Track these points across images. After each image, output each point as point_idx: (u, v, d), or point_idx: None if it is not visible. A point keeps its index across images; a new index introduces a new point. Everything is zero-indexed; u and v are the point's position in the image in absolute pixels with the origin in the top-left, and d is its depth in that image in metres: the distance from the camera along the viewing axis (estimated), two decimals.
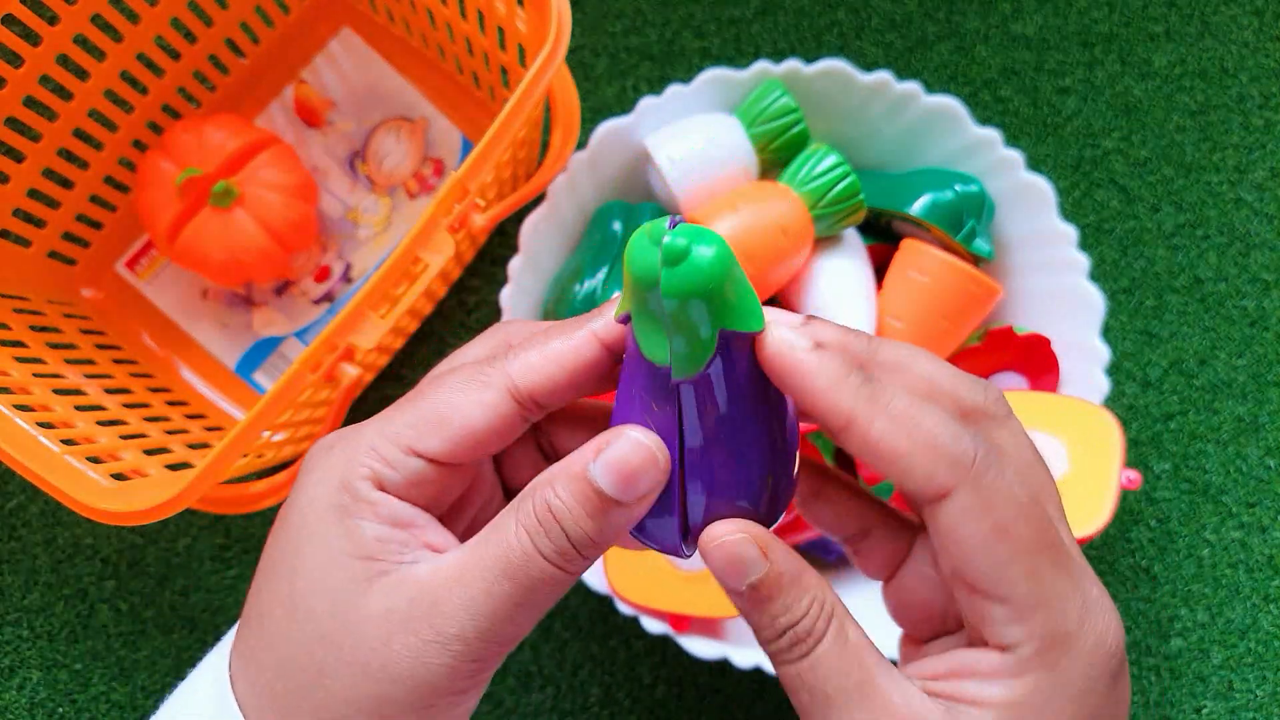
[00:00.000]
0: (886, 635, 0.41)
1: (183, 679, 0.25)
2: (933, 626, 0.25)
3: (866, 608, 0.43)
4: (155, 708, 0.24)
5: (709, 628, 0.41)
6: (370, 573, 0.22)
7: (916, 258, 0.42)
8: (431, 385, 0.23)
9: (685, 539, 0.23)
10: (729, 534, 0.22)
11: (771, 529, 0.23)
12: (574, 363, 0.23)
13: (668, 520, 0.23)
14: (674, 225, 0.20)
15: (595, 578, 0.41)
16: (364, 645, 0.21)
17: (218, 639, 0.53)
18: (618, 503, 0.22)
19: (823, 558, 0.46)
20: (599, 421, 0.26)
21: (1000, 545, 0.21)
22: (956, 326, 0.42)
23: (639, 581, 0.39)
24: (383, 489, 0.23)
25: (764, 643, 0.22)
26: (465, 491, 0.25)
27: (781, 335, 0.22)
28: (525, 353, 0.23)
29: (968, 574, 0.21)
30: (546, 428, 0.26)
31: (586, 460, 0.22)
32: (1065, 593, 0.21)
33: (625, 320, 0.22)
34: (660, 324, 0.21)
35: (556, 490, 0.22)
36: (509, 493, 0.27)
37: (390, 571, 0.22)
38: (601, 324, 0.23)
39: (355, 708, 0.21)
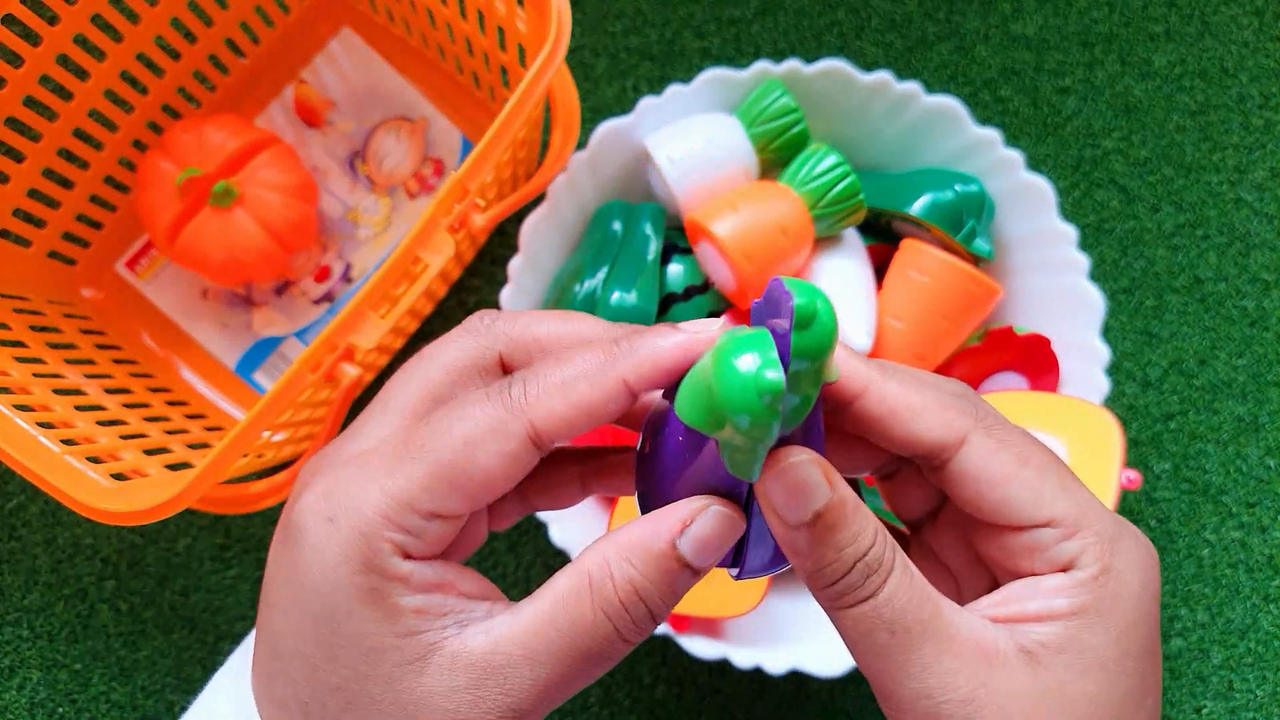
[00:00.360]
0: None
1: (181, 685, 0.25)
2: None
3: None
4: (155, 708, 0.24)
5: (709, 628, 0.41)
6: (421, 649, 0.21)
7: (916, 258, 0.42)
8: (438, 428, 0.22)
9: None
10: (792, 458, 0.21)
11: None
12: (599, 410, 0.22)
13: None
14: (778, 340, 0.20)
15: None
16: None
17: (218, 639, 0.53)
18: (697, 571, 0.22)
19: None
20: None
21: (1028, 470, 0.22)
22: (956, 326, 0.42)
23: None
24: (409, 557, 0.22)
25: (828, 583, 0.21)
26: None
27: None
28: (548, 399, 0.22)
29: (1007, 510, 0.22)
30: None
31: (670, 536, 0.21)
32: (1097, 503, 0.22)
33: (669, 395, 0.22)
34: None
35: (639, 570, 0.21)
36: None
37: (441, 645, 0.21)
38: (634, 375, 0.22)
39: None
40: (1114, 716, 0.21)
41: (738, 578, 0.23)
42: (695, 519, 0.21)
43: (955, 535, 0.25)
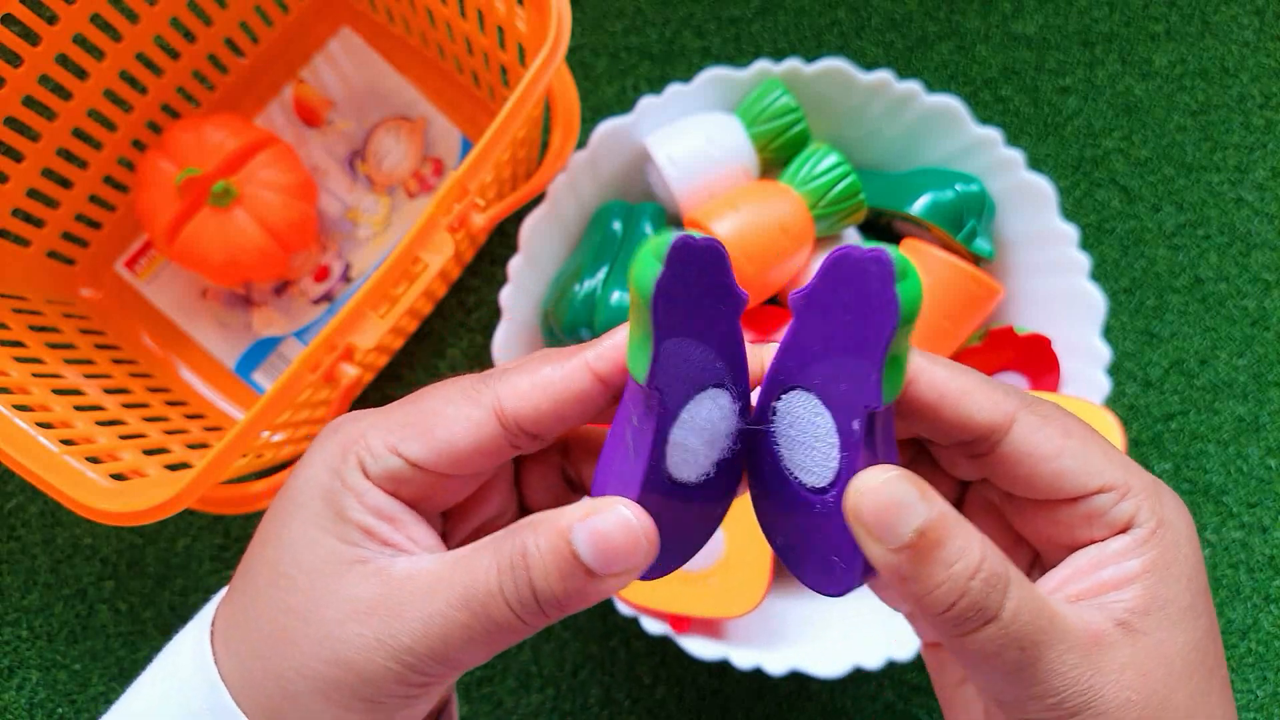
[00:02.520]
0: (889, 632, 0.41)
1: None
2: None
3: (870, 609, 0.43)
4: None
5: (709, 628, 0.40)
6: (350, 557, 0.22)
7: (917, 257, 0.42)
8: (432, 389, 0.23)
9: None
10: (881, 477, 0.19)
11: None
12: (563, 393, 0.22)
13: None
14: (681, 236, 0.20)
15: None
16: (324, 626, 0.21)
17: None
18: (591, 572, 0.20)
19: None
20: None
21: (1073, 441, 0.22)
22: (957, 326, 0.42)
23: (639, 582, 0.39)
24: (368, 479, 0.23)
25: (944, 607, 0.19)
26: (470, 500, 0.25)
27: None
28: (516, 376, 0.22)
29: (1061, 483, 0.22)
30: (571, 453, 0.26)
31: (574, 520, 0.21)
32: (1132, 462, 0.23)
33: (650, 384, 0.21)
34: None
35: (538, 539, 0.21)
36: (524, 510, 0.27)
37: (368, 560, 0.22)
38: (595, 354, 0.22)
39: (309, 684, 0.21)
40: (1203, 656, 0.22)
41: (642, 578, 0.22)
42: (600, 511, 0.21)
43: (984, 521, 0.25)
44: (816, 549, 0.22)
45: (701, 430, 0.22)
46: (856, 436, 0.20)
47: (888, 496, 0.19)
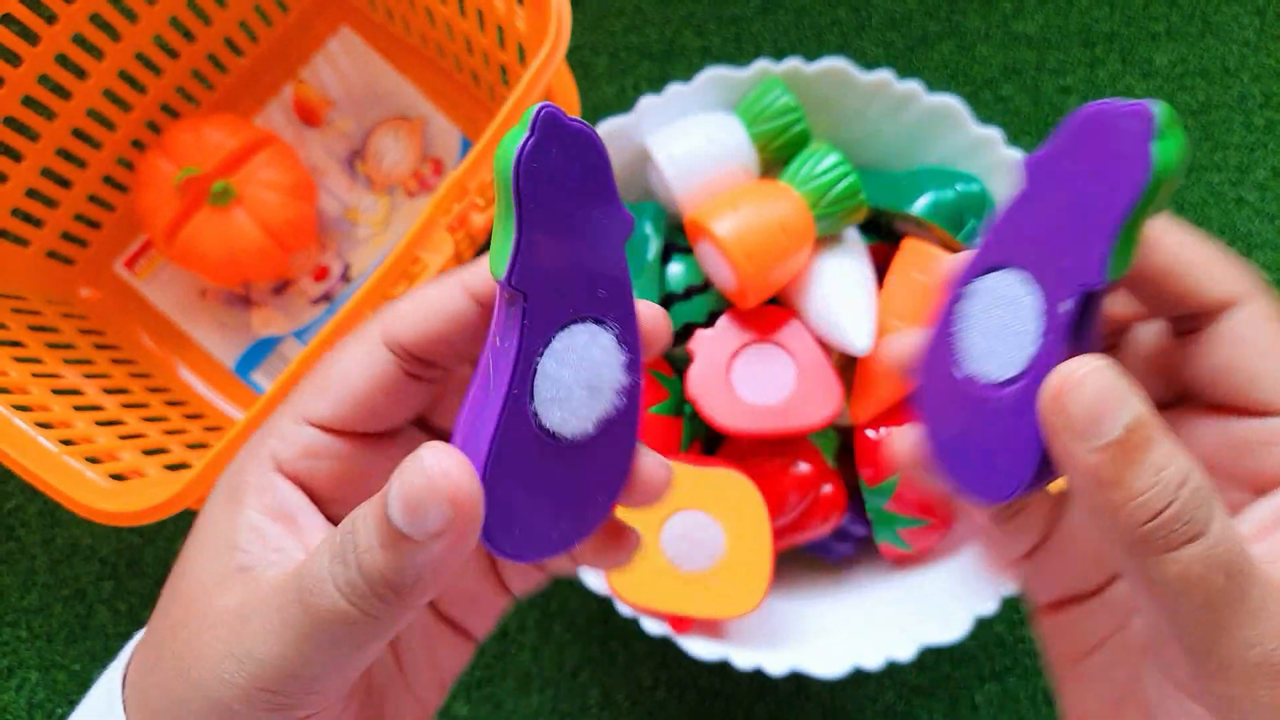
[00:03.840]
0: (890, 632, 0.41)
1: None
2: (1088, 578, 0.22)
3: (871, 609, 0.43)
4: None
5: (709, 629, 0.40)
6: (233, 566, 0.20)
7: (918, 258, 0.42)
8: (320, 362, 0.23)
9: None
10: (1090, 365, 0.17)
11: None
12: (440, 311, 0.21)
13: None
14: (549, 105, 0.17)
15: (595, 578, 0.40)
16: (189, 642, 0.19)
17: None
18: (407, 538, 0.17)
19: (824, 557, 0.46)
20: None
21: None
22: None
23: (639, 582, 0.39)
24: (280, 469, 0.21)
25: (1148, 517, 0.17)
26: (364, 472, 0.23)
27: None
28: (400, 301, 0.22)
29: (1261, 383, 0.20)
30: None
31: (389, 485, 0.18)
32: None
33: (510, 286, 0.18)
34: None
35: (366, 509, 0.18)
36: None
37: (251, 568, 0.20)
38: (470, 270, 0.21)
39: (168, 704, 0.20)
40: None
41: (509, 554, 0.19)
42: (406, 464, 0.17)
43: None
44: (984, 450, 0.19)
45: (578, 366, 0.19)
46: (1063, 320, 0.18)
47: (1097, 388, 0.17)
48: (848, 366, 0.44)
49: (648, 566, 0.38)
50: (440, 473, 0.17)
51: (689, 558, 0.39)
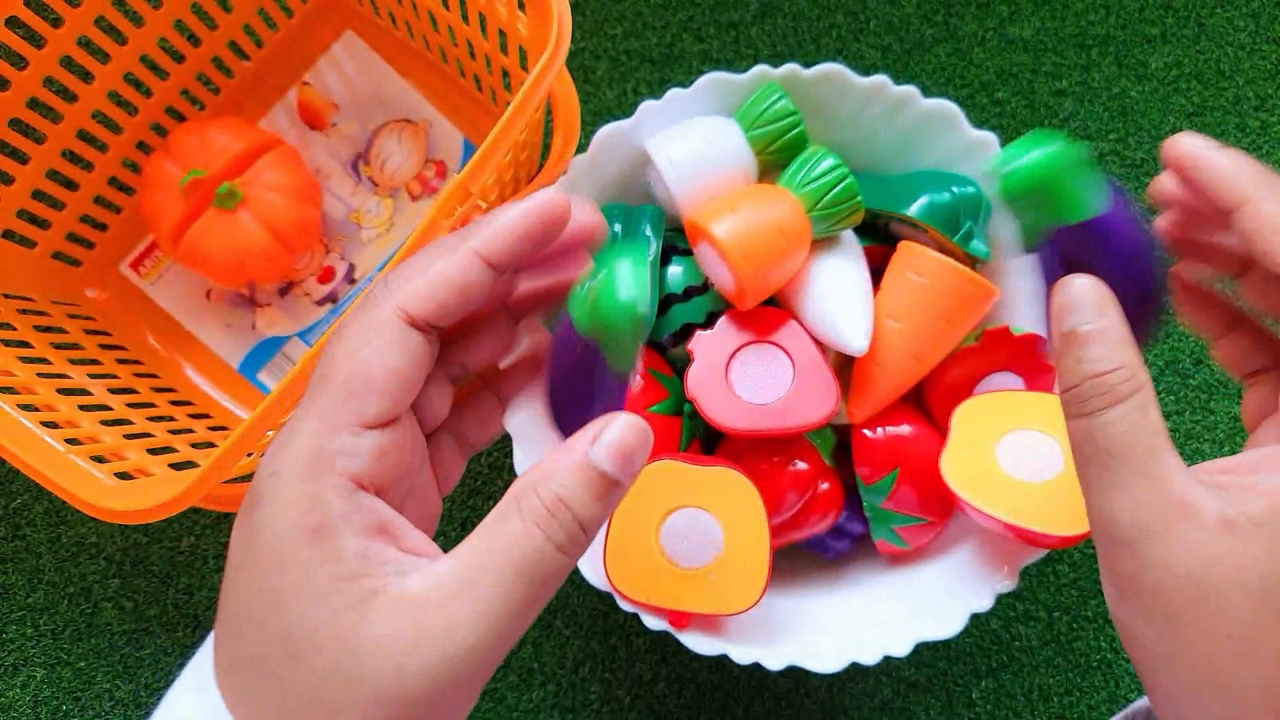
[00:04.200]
0: (886, 628, 0.41)
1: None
2: None
3: (868, 605, 0.43)
4: (157, 706, 0.24)
5: (708, 624, 0.41)
6: (363, 593, 0.21)
7: (915, 260, 0.42)
8: (328, 358, 0.23)
9: None
10: (1075, 281, 0.24)
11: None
12: (461, 284, 0.23)
13: None
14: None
15: (596, 575, 0.41)
16: (376, 674, 0.20)
17: None
18: (617, 483, 0.23)
19: (821, 554, 0.47)
20: (502, 331, 0.29)
21: None
22: (954, 328, 0.43)
23: (638, 578, 0.39)
24: (361, 486, 0.22)
25: (1064, 389, 0.24)
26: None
27: (1192, 140, 0.27)
28: (408, 283, 0.23)
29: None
30: (446, 355, 0.27)
31: (583, 448, 0.23)
32: None
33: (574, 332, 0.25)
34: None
35: (561, 480, 0.22)
36: (430, 437, 0.28)
37: (382, 590, 0.21)
38: (481, 242, 0.24)
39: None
40: None
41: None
42: (604, 429, 0.23)
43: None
44: None
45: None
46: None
47: (1067, 295, 0.24)
48: (844, 367, 0.44)
49: (647, 563, 0.39)
50: (645, 425, 0.23)
51: (688, 554, 0.39)
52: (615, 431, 0.23)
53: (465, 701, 0.22)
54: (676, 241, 0.44)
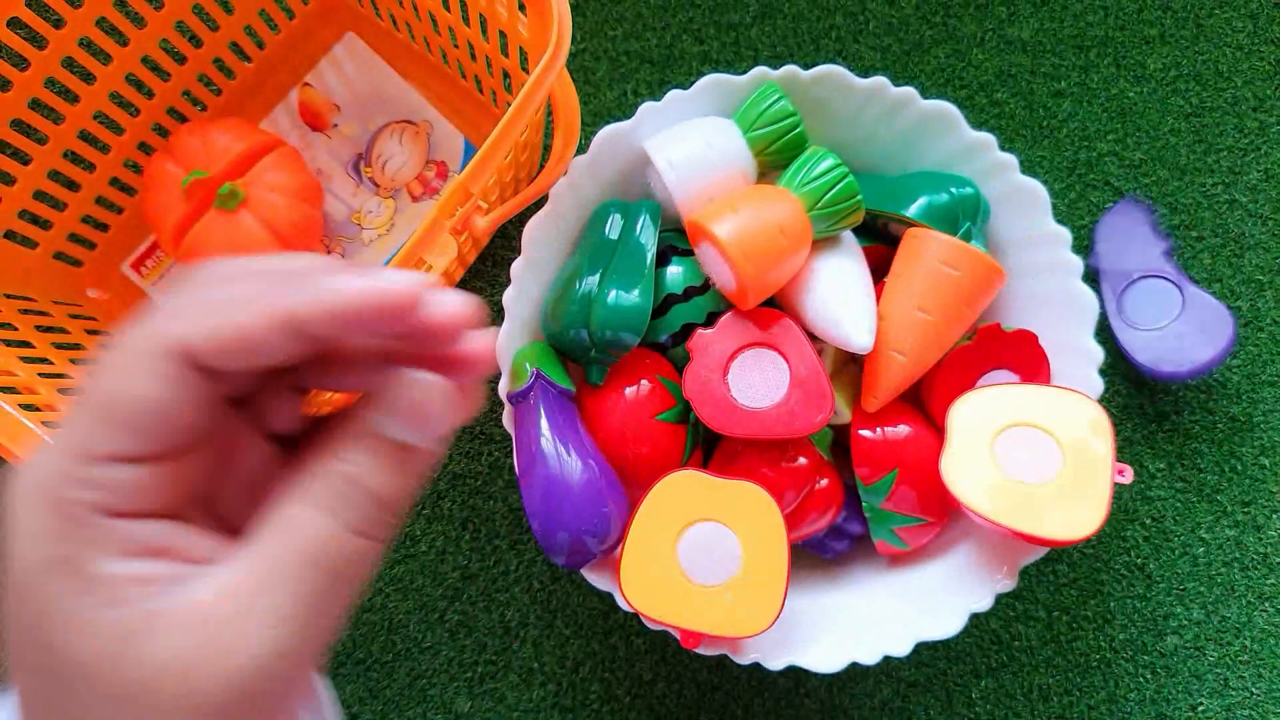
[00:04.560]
0: (886, 628, 0.41)
1: None
2: None
3: (867, 605, 0.43)
4: None
5: (719, 644, 0.40)
6: (137, 619, 0.18)
7: (925, 243, 0.42)
8: (95, 372, 0.19)
9: None
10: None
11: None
12: (260, 343, 0.19)
13: None
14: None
15: (597, 575, 0.41)
16: (165, 703, 0.18)
17: None
18: (412, 450, 0.21)
19: (821, 555, 0.47)
20: (371, 372, 0.22)
21: None
22: (971, 308, 0.43)
23: (652, 591, 0.38)
24: (117, 515, 0.19)
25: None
26: (218, 463, 0.21)
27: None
28: (200, 317, 0.19)
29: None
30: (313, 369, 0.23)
31: (370, 419, 0.20)
32: None
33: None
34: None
35: (348, 459, 0.20)
36: (286, 442, 0.23)
37: (161, 612, 0.18)
38: (305, 306, 0.19)
39: None
40: None
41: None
42: (392, 391, 0.20)
43: None
44: None
45: None
46: None
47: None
48: (843, 367, 0.45)
49: (662, 575, 0.38)
50: (445, 384, 0.20)
51: (704, 570, 0.38)
52: (413, 393, 0.20)
53: (278, 713, 0.20)
54: (677, 242, 0.44)
